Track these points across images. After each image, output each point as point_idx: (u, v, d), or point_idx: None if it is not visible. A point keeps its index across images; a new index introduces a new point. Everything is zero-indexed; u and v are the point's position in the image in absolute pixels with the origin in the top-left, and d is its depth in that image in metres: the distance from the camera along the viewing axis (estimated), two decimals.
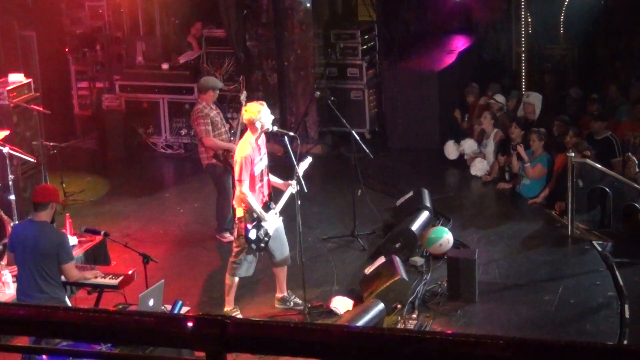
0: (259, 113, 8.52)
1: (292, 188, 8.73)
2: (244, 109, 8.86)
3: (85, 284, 8.18)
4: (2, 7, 13.41)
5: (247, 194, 8.46)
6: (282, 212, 8.87)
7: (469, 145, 12.85)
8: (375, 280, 9.12)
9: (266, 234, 8.63)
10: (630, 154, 11.26)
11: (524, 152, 11.68)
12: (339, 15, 14.93)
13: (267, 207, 8.67)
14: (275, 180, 8.90)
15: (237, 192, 8.62)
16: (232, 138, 10.35)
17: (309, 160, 9.06)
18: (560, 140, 12.01)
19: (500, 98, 13.60)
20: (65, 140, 13.80)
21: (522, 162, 11.74)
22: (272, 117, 8.70)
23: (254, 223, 8.55)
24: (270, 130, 8.69)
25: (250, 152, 8.47)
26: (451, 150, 13.17)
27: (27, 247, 7.54)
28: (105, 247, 9.74)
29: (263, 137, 8.71)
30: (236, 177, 8.57)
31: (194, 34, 14.67)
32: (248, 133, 8.67)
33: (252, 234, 8.56)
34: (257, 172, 8.54)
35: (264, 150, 8.69)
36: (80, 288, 8.42)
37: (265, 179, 8.71)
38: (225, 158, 10.32)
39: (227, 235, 10.70)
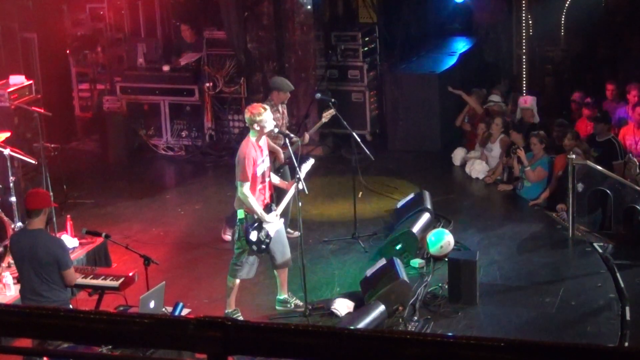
0: (260, 115, 8.52)
1: (294, 188, 8.73)
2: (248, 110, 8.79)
3: (86, 285, 8.18)
4: (3, 9, 13.41)
5: (248, 195, 8.47)
6: (283, 214, 8.88)
7: (478, 168, 12.71)
8: (376, 282, 9.12)
9: (267, 235, 8.63)
10: (631, 154, 11.25)
11: (524, 156, 11.68)
12: (340, 17, 14.93)
13: (268, 209, 8.67)
14: (279, 180, 8.91)
15: (238, 193, 8.63)
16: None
17: (311, 161, 9.06)
18: (558, 143, 12.02)
19: (496, 98, 13.57)
20: (66, 142, 13.80)
21: (522, 165, 11.75)
22: (274, 123, 8.70)
23: (255, 224, 8.56)
24: (271, 133, 8.70)
25: (252, 153, 8.48)
26: (459, 157, 13.14)
27: (24, 256, 7.54)
28: (106, 248, 9.75)
29: (265, 139, 8.72)
30: (237, 178, 8.59)
31: (185, 36, 14.65)
32: (249, 134, 8.70)
33: (253, 236, 8.56)
34: (259, 173, 8.55)
35: (266, 152, 8.70)
36: (81, 290, 8.42)
37: (267, 180, 8.72)
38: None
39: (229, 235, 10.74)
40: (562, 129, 12.24)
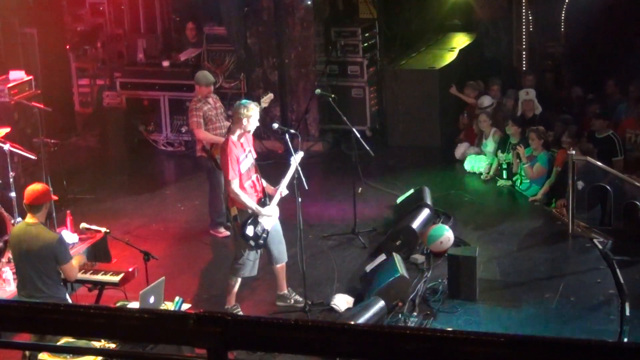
0: (249, 111, 8.51)
1: (278, 195, 8.68)
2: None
3: (86, 280, 8.19)
4: (3, 4, 13.41)
5: (239, 192, 8.43)
6: (282, 211, 8.87)
7: (482, 163, 12.70)
8: (375, 278, 9.12)
9: (263, 229, 8.61)
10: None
11: (523, 154, 11.68)
12: (340, 12, 14.92)
13: (262, 204, 8.64)
14: (265, 184, 8.87)
15: (230, 192, 8.60)
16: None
17: (300, 154, 8.95)
18: (558, 138, 12.03)
19: (486, 101, 13.50)
20: (66, 138, 13.80)
21: (521, 162, 11.75)
22: (258, 124, 8.72)
23: (250, 219, 8.52)
24: (251, 132, 8.70)
25: (234, 151, 8.45)
26: (460, 152, 13.12)
27: (22, 250, 7.53)
28: (106, 244, 9.74)
29: (249, 137, 8.70)
30: (225, 177, 8.57)
31: (188, 35, 14.66)
32: (229, 132, 8.68)
33: (249, 230, 8.53)
34: (243, 169, 8.52)
35: (248, 147, 8.67)
36: (81, 285, 8.42)
37: (254, 175, 8.67)
38: (211, 152, 10.43)
39: (222, 230, 10.78)
40: (564, 126, 12.25)
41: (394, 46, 14.93)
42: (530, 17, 15.41)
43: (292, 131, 9.48)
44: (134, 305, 7.44)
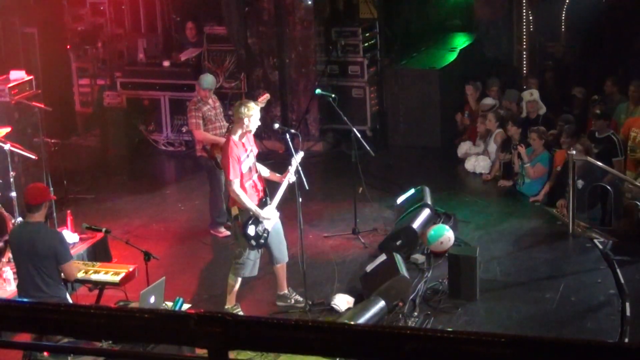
0: (250, 111, 8.52)
1: (290, 177, 8.67)
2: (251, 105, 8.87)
3: (87, 280, 8.19)
4: (3, 4, 13.42)
5: (240, 193, 8.44)
6: (282, 210, 8.87)
7: (482, 164, 12.70)
8: (376, 278, 9.12)
9: (264, 229, 8.61)
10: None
11: (524, 153, 11.68)
12: (341, 12, 14.92)
13: (263, 204, 8.64)
14: (269, 172, 8.87)
15: (230, 192, 8.61)
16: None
17: (301, 154, 8.97)
18: (558, 138, 12.03)
19: (489, 102, 13.49)
20: (66, 138, 13.80)
21: (522, 161, 11.75)
22: (259, 123, 8.73)
23: (252, 219, 8.53)
24: (252, 131, 8.71)
25: (235, 151, 8.46)
26: (462, 151, 13.12)
27: (23, 249, 7.54)
28: (106, 244, 9.75)
29: (250, 136, 8.71)
30: (225, 177, 8.58)
31: (188, 34, 14.65)
32: (231, 132, 8.69)
33: (251, 230, 8.53)
34: (244, 169, 8.53)
35: (250, 147, 8.68)
36: (81, 285, 8.43)
37: (255, 175, 8.68)
38: (211, 151, 10.44)
39: (222, 230, 10.78)
40: (563, 126, 12.24)
41: (394, 46, 14.93)
42: (531, 17, 15.41)
43: (293, 131, 9.48)
44: (135, 305, 7.44)
